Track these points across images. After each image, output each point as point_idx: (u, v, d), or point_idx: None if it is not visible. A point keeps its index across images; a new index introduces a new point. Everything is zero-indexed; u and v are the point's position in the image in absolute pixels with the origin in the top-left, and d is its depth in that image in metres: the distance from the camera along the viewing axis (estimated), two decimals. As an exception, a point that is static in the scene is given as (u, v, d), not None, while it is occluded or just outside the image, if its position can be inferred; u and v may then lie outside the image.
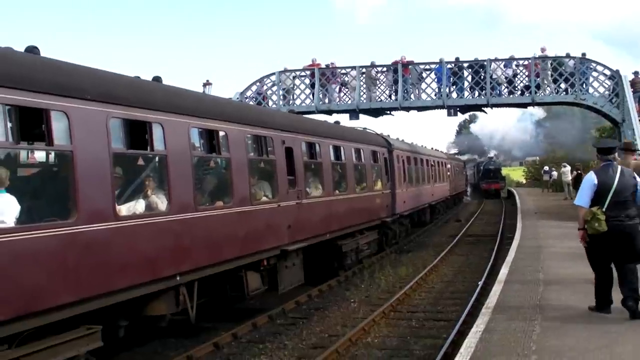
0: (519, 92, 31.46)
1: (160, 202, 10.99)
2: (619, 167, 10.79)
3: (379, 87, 32.60)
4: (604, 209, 10.43)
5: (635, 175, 10.96)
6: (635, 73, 30.36)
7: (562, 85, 30.97)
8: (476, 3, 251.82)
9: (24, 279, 8.12)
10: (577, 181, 41.22)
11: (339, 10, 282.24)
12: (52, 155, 10.08)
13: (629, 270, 10.59)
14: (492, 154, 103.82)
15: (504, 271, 15.91)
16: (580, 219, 10.80)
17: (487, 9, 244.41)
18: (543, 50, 31.65)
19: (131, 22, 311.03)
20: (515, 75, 31.28)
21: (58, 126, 8.88)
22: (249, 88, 32.75)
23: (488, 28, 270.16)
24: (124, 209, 10.23)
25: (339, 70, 32.77)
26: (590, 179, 10.83)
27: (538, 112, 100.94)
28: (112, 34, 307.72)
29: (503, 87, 31.37)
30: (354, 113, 32.33)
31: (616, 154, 11.52)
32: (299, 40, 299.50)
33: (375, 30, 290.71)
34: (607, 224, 10.37)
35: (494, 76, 31.10)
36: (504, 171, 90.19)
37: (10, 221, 8.23)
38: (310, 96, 32.42)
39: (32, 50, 9.40)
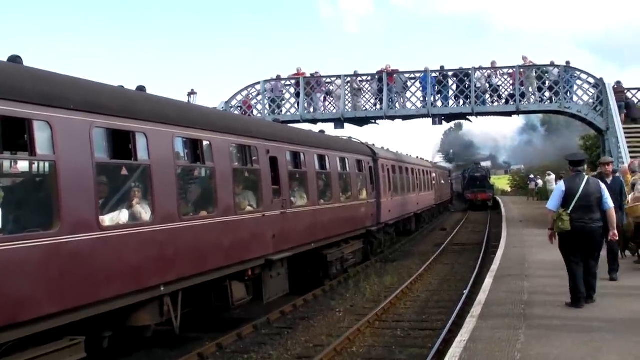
0: (504, 101, 31.58)
1: (144, 212, 10.95)
2: (586, 177, 12.44)
3: (364, 96, 32.62)
4: (569, 211, 11.96)
5: (601, 184, 12.61)
6: (618, 82, 30.53)
7: (547, 94, 31.09)
8: (462, 11, 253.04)
9: (6, 289, 8.07)
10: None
11: (326, 19, 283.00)
12: (35, 165, 10.05)
13: (590, 270, 12.37)
14: (482, 163, 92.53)
15: (489, 280, 15.94)
16: (549, 221, 12.42)
17: (473, 17, 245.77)
18: (525, 58, 31.77)
19: (115, 30, 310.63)
20: (489, 75, 31.34)
21: (41, 136, 8.85)
22: (234, 97, 32.71)
23: (474, 36, 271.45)
24: (107, 219, 10.19)
25: (324, 79, 32.79)
26: (559, 186, 12.58)
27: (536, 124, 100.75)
28: (95, 43, 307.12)
29: (487, 96, 31.46)
30: (338, 122, 32.32)
31: (585, 166, 13.40)
32: (285, 50, 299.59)
33: (362, 38, 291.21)
34: (572, 225, 11.93)
35: (478, 85, 31.20)
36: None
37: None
38: (296, 105, 32.42)
39: (15, 59, 9.37)
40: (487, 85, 31.37)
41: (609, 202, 12.30)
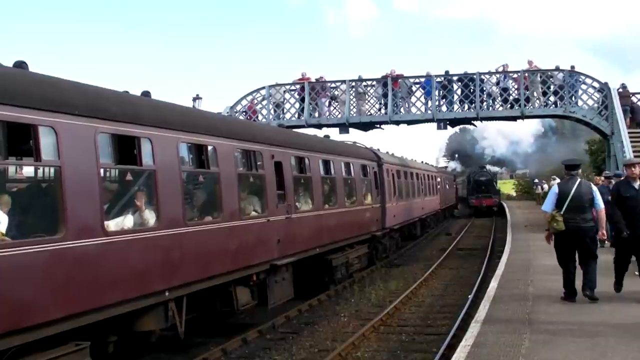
0: (509, 105, 31.55)
1: (149, 217, 10.96)
2: (579, 180, 13.19)
3: (368, 101, 32.65)
4: (562, 212, 12.81)
5: (592, 185, 13.66)
6: (623, 85, 30.50)
7: (552, 98, 31.08)
8: (467, 16, 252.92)
9: (11, 294, 8.09)
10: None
11: (331, 24, 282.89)
12: (40, 171, 10.08)
13: (589, 268, 13.06)
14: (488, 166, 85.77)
15: (493, 285, 15.94)
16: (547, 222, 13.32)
17: (478, 21, 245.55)
18: (530, 62, 31.79)
19: (120, 35, 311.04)
20: (505, 89, 31.36)
21: (46, 141, 8.86)
22: (239, 102, 32.77)
23: (479, 40, 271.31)
24: (112, 224, 10.21)
25: (329, 84, 32.82)
26: (553, 189, 13.56)
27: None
28: (101, 48, 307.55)
29: (497, 101, 31.46)
30: (343, 127, 32.35)
31: (580, 170, 14.22)
32: (290, 56, 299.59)
33: (368, 44, 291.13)
34: (566, 225, 12.75)
35: (485, 89, 31.19)
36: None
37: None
38: (300, 110, 32.44)
39: (20, 65, 9.40)
40: (495, 89, 31.35)
41: (600, 203, 13.12)
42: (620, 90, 29.96)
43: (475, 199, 63.96)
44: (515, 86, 31.21)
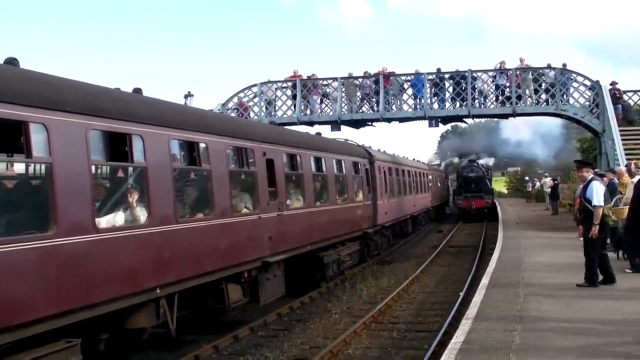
0: (500, 103, 31.63)
1: (141, 214, 10.94)
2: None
3: (360, 98, 32.64)
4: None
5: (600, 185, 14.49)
6: (613, 83, 30.58)
7: (543, 96, 31.16)
8: (461, 15, 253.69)
9: (1, 291, 8.06)
10: (553, 191, 41.53)
11: (326, 23, 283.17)
12: (31, 168, 10.06)
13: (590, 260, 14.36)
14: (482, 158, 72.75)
15: (484, 281, 15.97)
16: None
17: (472, 20, 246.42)
18: (522, 60, 31.86)
19: (112, 32, 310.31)
20: (497, 86, 31.43)
21: (37, 138, 8.82)
22: (230, 99, 32.73)
23: (473, 39, 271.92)
24: (103, 221, 10.18)
25: (321, 81, 32.82)
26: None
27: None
28: (93, 45, 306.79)
29: (489, 99, 31.54)
30: (335, 124, 32.37)
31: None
32: (284, 55, 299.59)
33: (362, 43, 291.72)
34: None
35: (476, 87, 31.25)
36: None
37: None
38: (292, 107, 32.44)
39: (12, 62, 9.37)
40: (486, 87, 31.41)
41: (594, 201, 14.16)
42: (611, 87, 30.07)
43: (464, 200, 52.60)
44: (507, 84, 31.25)
